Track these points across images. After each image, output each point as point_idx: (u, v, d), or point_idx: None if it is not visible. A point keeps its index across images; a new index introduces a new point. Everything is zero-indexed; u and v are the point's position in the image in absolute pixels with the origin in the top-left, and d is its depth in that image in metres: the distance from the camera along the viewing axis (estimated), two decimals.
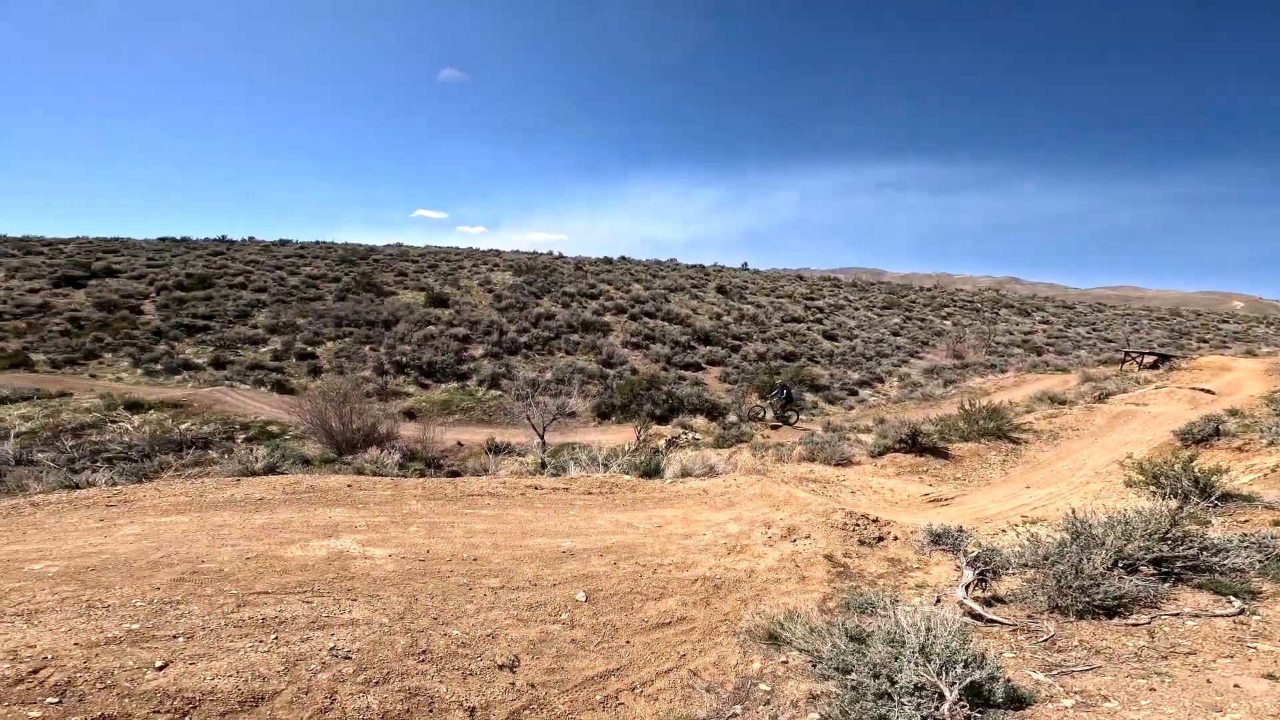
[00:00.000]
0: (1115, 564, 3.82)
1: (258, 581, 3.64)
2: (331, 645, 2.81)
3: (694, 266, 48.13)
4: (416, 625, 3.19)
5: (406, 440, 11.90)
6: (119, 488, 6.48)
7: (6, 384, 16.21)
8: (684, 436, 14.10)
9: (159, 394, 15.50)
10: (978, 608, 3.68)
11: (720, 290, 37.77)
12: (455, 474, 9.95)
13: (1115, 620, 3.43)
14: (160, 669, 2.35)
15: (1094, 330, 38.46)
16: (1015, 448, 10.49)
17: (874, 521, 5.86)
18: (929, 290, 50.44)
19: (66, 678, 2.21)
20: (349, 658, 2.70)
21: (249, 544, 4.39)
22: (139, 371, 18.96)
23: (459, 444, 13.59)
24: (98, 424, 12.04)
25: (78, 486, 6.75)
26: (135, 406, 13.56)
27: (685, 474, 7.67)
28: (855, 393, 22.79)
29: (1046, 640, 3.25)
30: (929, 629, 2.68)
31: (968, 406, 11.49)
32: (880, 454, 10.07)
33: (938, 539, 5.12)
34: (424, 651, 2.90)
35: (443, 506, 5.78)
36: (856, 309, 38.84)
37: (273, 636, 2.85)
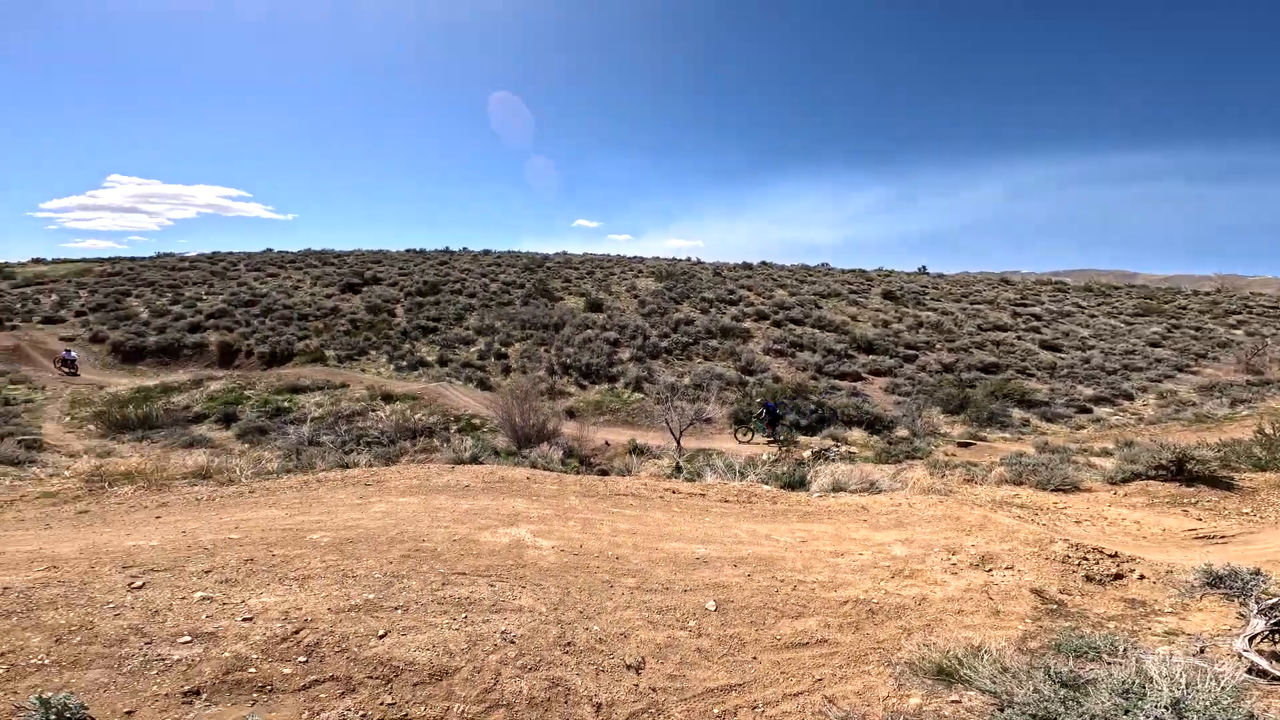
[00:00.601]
0: None
1: (459, 562, 4.20)
2: (503, 629, 3.22)
3: (852, 271, 44.87)
4: (566, 617, 3.48)
5: (566, 438, 13.05)
6: (374, 469, 8.05)
7: (309, 376, 20.91)
8: (835, 449, 13.27)
9: (402, 388, 18.88)
10: (1264, 663, 2.96)
11: (888, 296, 34.61)
12: (604, 472, 10.60)
13: None
14: (381, 637, 2.94)
15: None
16: None
17: (1110, 556, 4.97)
18: (1207, 294, 40.76)
19: (317, 639, 2.84)
20: (513, 642, 3.09)
21: (456, 527, 5.05)
22: (391, 367, 23.16)
23: (606, 443, 14.44)
24: (362, 412, 15.16)
25: (347, 466, 8.58)
26: (387, 398, 16.79)
27: (837, 488, 7.26)
28: (1088, 410, 19.50)
29: None
30: (1188, 682, 2.19)
31: (1270, 430, 9.04)
32: (1124, 480, 8.32)
33: (1218, 580, 4.11)
34: (569, 644, 3.19)
35: (595, 504, 6.16)
36: (1093, 315, 32.96)
37: (463, 615, 3.35)
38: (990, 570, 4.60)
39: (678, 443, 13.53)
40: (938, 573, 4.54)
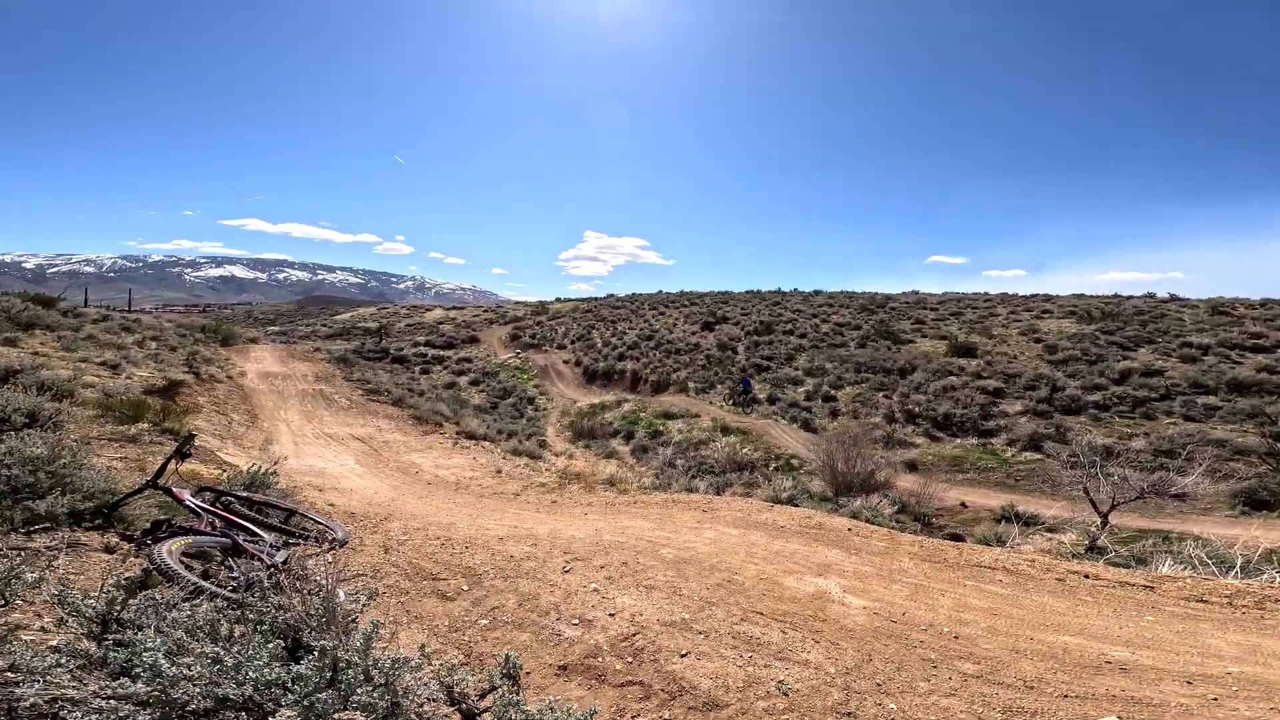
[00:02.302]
0: None
1: (759, 602, 4.09)
2: (780, 679, 3.08)
3: None
4: (857, 686, 3.08)
5: (901, 491, 11.30)
6: (708, 497, 8.74)
7: (676, 405, 24.06)
8: None
9: (736, 422, 20.15)
10: None
11: None
12: (956, 537, 8.74)
13: None
14: (682, 656, 3.22)
15: None
16: None
17: None
18: None
19: (642, 645, 3.28)
20: (786, 695, 2.94)
21: (764, 566, 4.83)
22: (730, 401, 24.94)
23: (962, 505, 11.82)
24: (706, 441, 16.92)
25: (692, 490, 9.76)
26: (724, 430, 18.26)
27: None
28: None
29: None
30: None
31: None
32: None
33: None
34: (849, 715, 2.83)
35: (937, 571, 5.08)
36: None
37: (748, 655, 3.31)
38: None
39: (1102, 517, 9.94)
40: None
